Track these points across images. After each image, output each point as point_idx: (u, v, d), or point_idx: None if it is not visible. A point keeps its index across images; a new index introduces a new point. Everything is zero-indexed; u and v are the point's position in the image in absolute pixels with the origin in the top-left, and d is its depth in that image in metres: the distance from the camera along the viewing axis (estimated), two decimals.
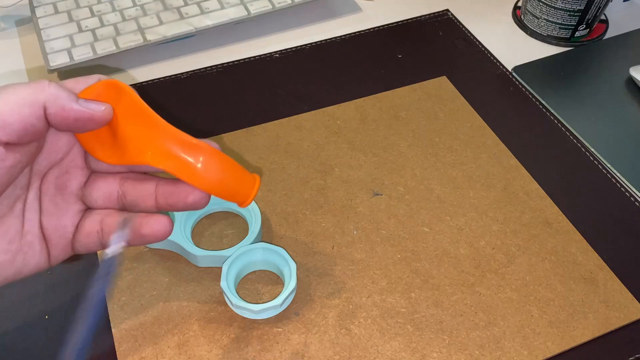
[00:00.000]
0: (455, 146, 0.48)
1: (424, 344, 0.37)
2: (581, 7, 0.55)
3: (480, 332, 0.37)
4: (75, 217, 0.32)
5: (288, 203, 0.44)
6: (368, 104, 0.51)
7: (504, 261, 0.41)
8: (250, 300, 0.38)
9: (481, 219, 0.43)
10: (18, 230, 0.30)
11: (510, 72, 0.55)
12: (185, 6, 0.57)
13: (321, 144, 0.48)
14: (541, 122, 0.50)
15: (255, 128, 0.49)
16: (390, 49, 0.57)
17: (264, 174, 0.46)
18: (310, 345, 0.36)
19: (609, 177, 0.46)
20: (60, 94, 0.28)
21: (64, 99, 0.28)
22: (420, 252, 0.41)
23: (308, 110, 0.51)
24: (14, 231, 0.30)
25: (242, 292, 0.39)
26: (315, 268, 0.40)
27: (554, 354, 0.36)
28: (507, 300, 0.39)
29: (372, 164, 0.46)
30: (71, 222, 0.31)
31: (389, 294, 0.39)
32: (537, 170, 0.46)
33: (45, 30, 0.55)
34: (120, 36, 0.54)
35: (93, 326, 0.27)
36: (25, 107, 0.27)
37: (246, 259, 0.39)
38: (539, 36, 0.59)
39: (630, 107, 0.52)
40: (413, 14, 0.61)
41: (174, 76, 0.54)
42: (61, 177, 0.31)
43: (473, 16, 0.61)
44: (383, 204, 0.44)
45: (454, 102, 0.52)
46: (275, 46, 0.58)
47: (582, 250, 0.41)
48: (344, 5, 0.63)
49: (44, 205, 0.31)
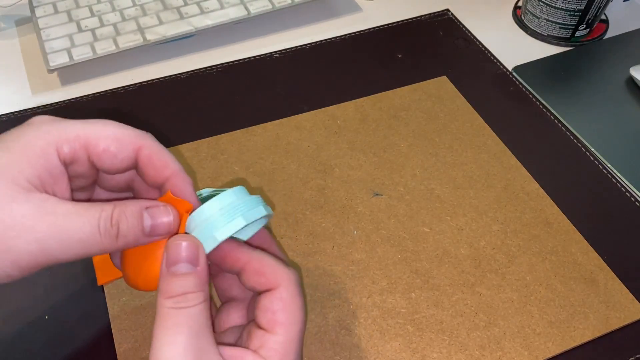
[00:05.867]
0: (455, 146, 0.48)
1: (424, 344, 0.37)
2: (581, 7, 0.55)
3: (480, 333, 0.37)
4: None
5: (288, 203, 0.44)
6: (368, 104, 0.51)
7: (504, 261, 0.41)
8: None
9: (481, 219, 0.43)
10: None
11: (510, 72, 0.55)
12: (185, 6, 0.57)
13: (321, 144, 0.48)
14: (541, 122, 0.50)
15: (255, 128, 0.49)
16: (390, 49, 0.57)
17: (264, 174, 0.46)
18: (310, 346, 0.36)
19: (609, 177, 0.46)
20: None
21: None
22: (421, 252, 0.41)
23: (308, 110, 0.51)
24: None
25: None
26: (315, 268, 0.40)
27: (554, 354, 0.36)
28: (508, 300, 0.39)
29: (372, 164, 0.46)
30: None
31: (389, 294, 0.39)
32: (537, 170, 0.46)
33: (45, 30, 0.55)
34: (120, 36, 0.54)
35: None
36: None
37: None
38: (539, 36, 0.59)
39: (630, 107, 0.51)
40: (413, 14, 0.61)
41: (174, 76, 0.54)
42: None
43: (473, 16, 0.61)
44: (383, 204, 0.44)
45: (454, 102, 0.52)
46: (275, 46, 0.58)
47: (582, 250, 0.41)
48: (344, 5, 0.63)
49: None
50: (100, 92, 0.53)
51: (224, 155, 0.47)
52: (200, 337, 0.25)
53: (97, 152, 0.28)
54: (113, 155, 0.28)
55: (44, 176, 0.27)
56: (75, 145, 0.28)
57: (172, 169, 0.29)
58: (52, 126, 0.28)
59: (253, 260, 0.29)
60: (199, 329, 0.25)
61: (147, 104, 0.52)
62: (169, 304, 0.26)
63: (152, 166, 0.29)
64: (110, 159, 0.29)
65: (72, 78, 0.54)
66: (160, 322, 0.26)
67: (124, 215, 0.27)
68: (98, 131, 0.28)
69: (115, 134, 0.29)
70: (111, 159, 0.29)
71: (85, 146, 0.28)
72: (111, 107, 0.51)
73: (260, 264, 0.29)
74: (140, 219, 0.27)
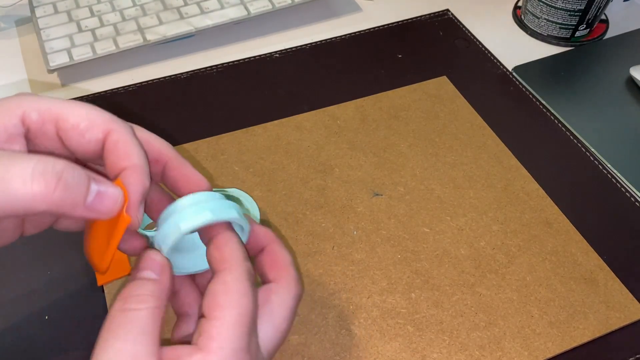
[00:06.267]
0: (455, 146, 0.48)
1: (424, 344, 0.37)
2: (581, 7, 0.55)
3: (480, 333, 0.37)
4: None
5: (288, 203, 0.44)
6: (368, 104, 0.51)
7: (504, 261, 0.41)
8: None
9: (481, 219, 0.43)
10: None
11: (510, 72, 0.55)
12: (185, 6, 0.57)
13: (321, 144, 0.48)
14: (541, 122, 0.50)
15: (255, 128, 0.49)
16: (390, 49, 0.57)
17: (264, 174, 0.46)
18: (310, 346, 0.36)
19: (609, 177, 0.46)
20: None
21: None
22: (421, 253, 0.41)
23: (308, 110, 0.51)
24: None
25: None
26: (315, 268, 0.40)
27: (554, 354, 0.36)
28: (508, 300, 0.39)
29: (372, 164, 0.46)
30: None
31: (389, 295, 0.39)
32: (537, 170, 0.46)
33: (45, 30, 0.55)
34: (120, 36, 0.54)
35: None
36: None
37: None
38: (539, 36, 0.59)
39: (630, 107, 0.51)
40: (413, 14, 0.61)
41: (174, 76, 0.54)
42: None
43: (473, 16, 0.61)
44: (383, 204, 0.44)
45: (454, 102, 0.52)
46: (275, 46, 0.58)
47: (582, 250, 0.41)
48: (344, 5, 0.63)
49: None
50: (100, 92, 0.53)
51: (224, 155, 0.47)
52: (139, 342, 0.25)
53: (66, 127, 0.28)
54: (81, 133, 0.28)
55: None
56: (45, 116, 0.27)
57: (133, 162, 0.28)
58: (29, 95, 0.28)
59: (222, 233, 0.29)
60: (139, 334, 0.25)
61: (147, 104, 0.52)
62: (117, 306, 0.26)
63: (115, 153, 0.28)
64: (77, 136, 0.28)
65: (72, 78, 0.54)
66: (106, 323, 0.26)
67: (70, 169, 0.25)
68: (71, 108, 0.28)
69: (88, 113, 0.28)
70: (78, 136, 0.28)
71: (55, 119, 0.28)
72: (111, 107, 0.51)
73: (224, 240, 0.28)
74: (87, 180, 0.26)
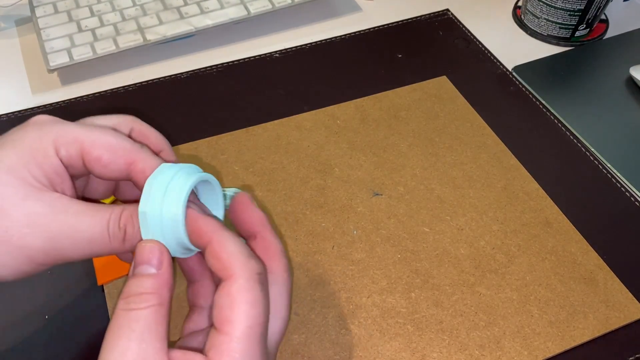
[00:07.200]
0: (455, 146, 0.48)
1: (424, 344, 0.37)
2: (581, 7, 0.55)
3: (480, 332, 0.37)
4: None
5: (288, 203, 0.44)
6: (368, 104, 0.51)
7: (504, 261, 0.41)
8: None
9: (481, 219, 0.43)
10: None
11: (510, 72, 0.55)
12: (185, 6, 0.57)
13: (321, 144, 0.48)
14: (541, 122, 0.50)
15: (255, 128, 0.49)
16: (390, 49, 0.57)
17: (264, 174, 0.46)
18: (310, 345, 0.36)
19: (609, 177, 0.46)
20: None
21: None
22: (420, 252, 0.41)
23: (308, 110, 0.51)
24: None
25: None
26: (315, 268, 0.40)
27: (554, 353, 0.36)
28: (507, 300, 0.39)
29: (372, 164, 0.46)
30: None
31: (389, 294, 0.39)
32: (537, 170, 0.46)
33: (45, 30, 0.55)
34: (120, 36, 0.54)
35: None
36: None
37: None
38: (539, 36, 0.59)
39: (630, 107, 0.51)
40: (413, 14, 0.61)
41: (174, 76, 0.54)
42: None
43: (473, 16, 0.61)
44: (383, 204, 0.44)
45: (454, 102, 0.52)
46: (275, 46, 0.58)
47: (582, 250, 0.41)
48: (344, 5, 0.63)
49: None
50: (100, 92, 0.53)
51: (224, 155, 0.47)
52: (144, 341, 0.25)
53: (90, 159, 0.29)
54: (104, 165, 0.29)
55: (51, 176, 0.28)
56: (72, 149, 0.28)
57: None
58: (52, 127, 0.28)
59: (215, 240, 0.27)
60: (145, 333, 0.25)
61: (147, 104, 0.52)
62: (121, 305, 0.26)
63: (143, 182, 0.29)
64: (100, 168, 0.29)
65: (72, 78, 0.54)
66: (110, 323, 0.26)
67: (131, 219, 0.28)
68: (94, 138, 0.29)
69: (110, 143, 0.29)
70: (101, 168, 0.29)
71: (81, 153, 0.28)
72: (111, 107, 0.51)
73: (219, 246, 0.27)
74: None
